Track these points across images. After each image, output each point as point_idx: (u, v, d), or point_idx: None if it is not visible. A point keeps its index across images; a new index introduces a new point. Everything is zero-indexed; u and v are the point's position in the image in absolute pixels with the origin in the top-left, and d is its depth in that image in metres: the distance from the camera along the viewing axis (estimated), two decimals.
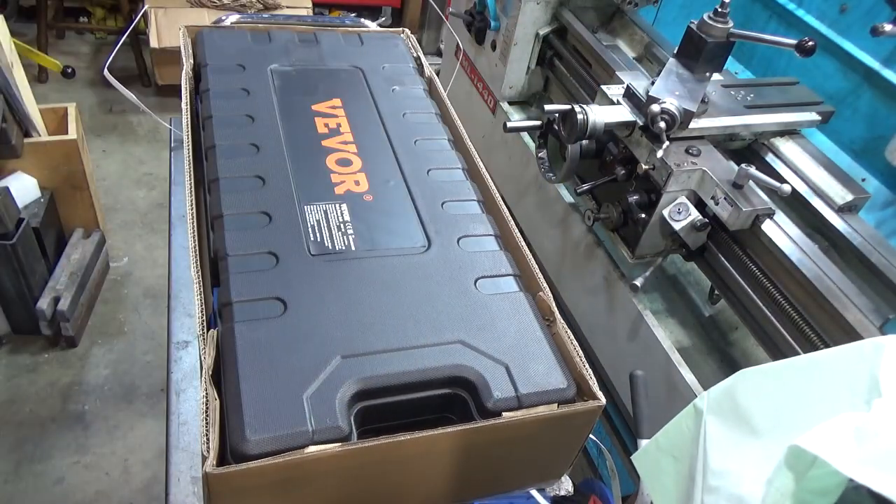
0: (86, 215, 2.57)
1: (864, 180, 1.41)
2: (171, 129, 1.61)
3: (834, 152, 1.45)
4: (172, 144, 1.60)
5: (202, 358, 0.76)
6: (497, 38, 1.74)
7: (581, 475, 1.45)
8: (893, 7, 1.27)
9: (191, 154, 1.01)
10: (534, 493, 0.87)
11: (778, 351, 1.09)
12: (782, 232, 1.08)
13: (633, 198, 1.21)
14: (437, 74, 1.37)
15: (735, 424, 0.57)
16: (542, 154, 1.45)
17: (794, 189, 1.18)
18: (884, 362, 0.51)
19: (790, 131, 1.30)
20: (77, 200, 2.51)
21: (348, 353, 0.77)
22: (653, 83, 1.17)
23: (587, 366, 0.82)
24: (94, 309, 2.57)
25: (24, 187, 2.30)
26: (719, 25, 1.11)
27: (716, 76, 1.28)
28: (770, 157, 1.29)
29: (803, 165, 1.25)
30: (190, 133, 1.05)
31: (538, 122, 1.42)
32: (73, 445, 2.17)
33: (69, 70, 3.68)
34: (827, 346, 1.00)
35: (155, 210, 3.00)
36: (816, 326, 1.03)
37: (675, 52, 1.21)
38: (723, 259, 1.17)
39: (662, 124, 1.09)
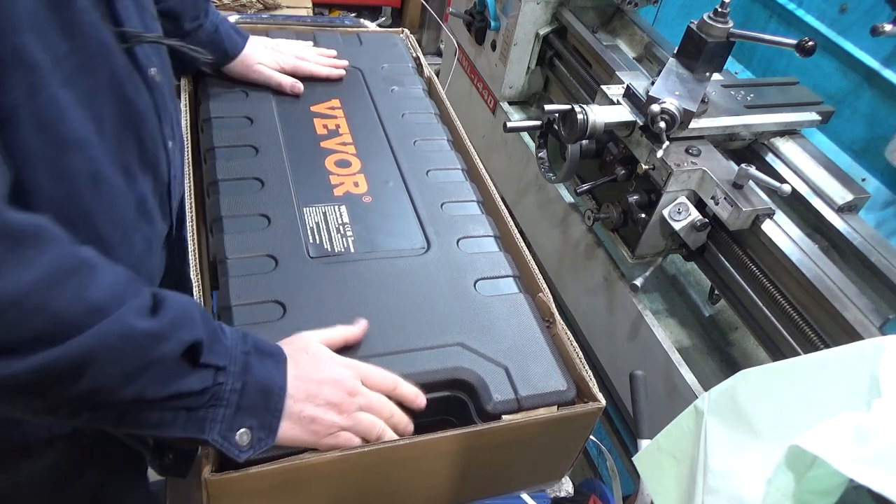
0: None
1: (864, 180, 1.41)
2: None
3: (834, 152, 1.45)
4: None
5: None
6: (497, 38, 1.74)
7: (581, 475, 1.45)
8: (893, 7, 1.27)
9: (190, 156, 1.01)
10: (524, 496, 0.87)
11: (778, 351, 1.09)
12: (782, 232, 1.08)
13: (633, 198, 1.21)
14: (437, 74, 1.37)
15: (736, 425, 0.57)
16: (542, 154, 1.45)
17: (794, 189, 1.18)
18: (884, 362, 0.51)
19: (790, 131, 1.30)
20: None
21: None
22: (653, 83, 1.17)
23: (587, 367, 0.81)
24: None
25: None
26: (719, 25, 1.11)
27: (716, 76, 1.28)
28: (770, 157, 1.29)
29: (803, 165, 1.25)
30: (189, 135, 1.05)
31: (538, 122, 1.42)
32: None
33: None
34: (827, 346, 1.00)
35: None
36: (816, 326, 1.02)
37: (675, 52, 1.21)
38: (723, 259, 1.17)
39: (662, 124, 1.09)
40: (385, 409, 0.73)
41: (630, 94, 1.20)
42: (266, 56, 1.13)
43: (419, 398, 0.74)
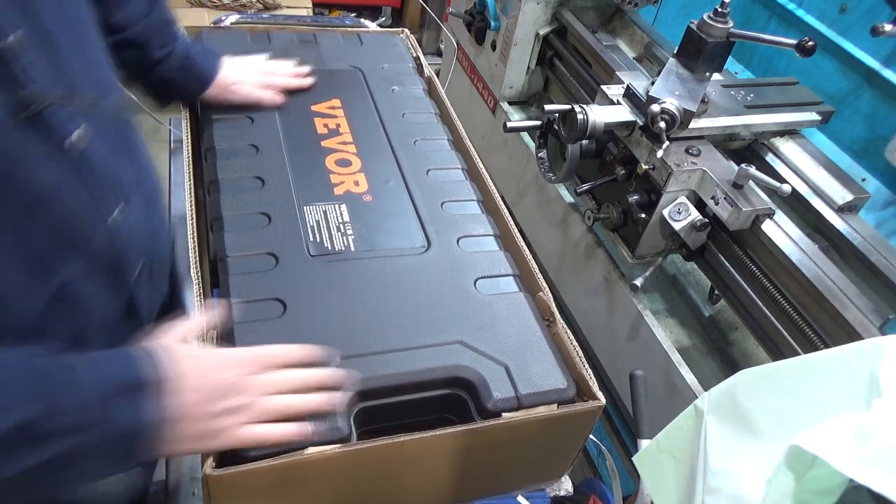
0: None
1: (864, 180, 1.41)
2: (170, 130, 1.61)
3: (834, 152, 1.45)
4: (172, 145, 1.60)
5: None
6: (497, 38, 1.74)
7: (581, 475, 1.45)
8: (893, 7, 1.27)
9: (190, 155, 1.01)
10: (521, 499, 0.87)
11: (778, 351, 1.09)
12: (782, 232, 1.08)
13: (633, 198, 1.21)
14: (437, 74, 1.37)
15: (735, 425, 0.57)
16: (542, 154, 1.45)
17: (794, 189, 1.18)
18: (884, 362, 0.51)
19: (790, 131, 1.30)
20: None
21: (348, 353, 0.77)
22: (653, 83, 1.17)
23: (587, 366, 0.81)
24: None
25: None
26: (719, 25, 1.11)
27: (716, 76, 1.28)
28: (770, 157, 1.29)
29: (803, 165, 1.25)
30: (189, 134, 1.05)
31: (538, 122, 1.42)
32: None
33: None
34: (827, 346, 1.00)
35: None
36: (816, 326, 1.02)
37: (675, 52, 1.21)
38: (723, 259, 1.17)
39: (662, 124, 1.09)
40: (288, 383, 0.70)
41: (630, 94, 1.20)
42: (240, 73, 1.08)
43: (311, 352, 0.72)
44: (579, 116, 1.15)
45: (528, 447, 0.82)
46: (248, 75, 1.09)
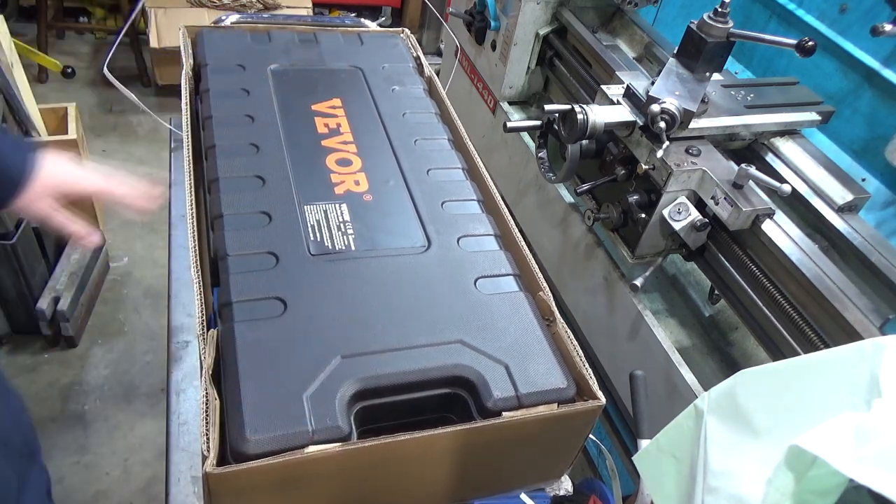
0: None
1: (864, 180, 1.41)
2: (171, 129, 1.61)
3: (834, 152, 1.45)
4: (172, 144, 1.60)
5: (202, 358, 0.76)
6: (497, 38, 1.74)
7: (581, 475, 1.45)
8: (893, 7, 1.27)
9: (191, 154, 1.01)
10: (524, 497, 0.87)
11: (778, 351, 1.09)
12: (782, 232, 1.08)
13: (633, 198, 1.21)
14: (437, 74, 1.37)
15: (735, 425, 0.57)
16: (542, 154, 1.45)
17: (794, 189, 1.18)
18: (884, 362, 0.51)
19: (790, 131, 1.30)
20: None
21: (348, 352, 0.77)
22: (653, 83, 1.17)
23: (587, 365, 0.81)
24: (94, 309, 2.57)
25: None
26: (719, 25, 1.11)
27: (716, 76, 1.28)
28: (770, 157, 1.29)
29: (803, 165, 1.25)
30: (190, 133, 1.05)
31: (538, 122, 1.42)
32: (72, 445, 2.17)
33: (69, 70, 3.68)
34: (827, 346, 1.00)
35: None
36: (816, 326, 1.02)
37: (675, 52, 1.21)
38: (723, 259, 1.17)
39: (662, 124, 1.09)
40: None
41: (630, 94, 1.20)
42: (49, 193, 0.90)
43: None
44: (579, 116, 1.15)
45: (527, 446, 0.82)
46: (87, 180, 0.97)
